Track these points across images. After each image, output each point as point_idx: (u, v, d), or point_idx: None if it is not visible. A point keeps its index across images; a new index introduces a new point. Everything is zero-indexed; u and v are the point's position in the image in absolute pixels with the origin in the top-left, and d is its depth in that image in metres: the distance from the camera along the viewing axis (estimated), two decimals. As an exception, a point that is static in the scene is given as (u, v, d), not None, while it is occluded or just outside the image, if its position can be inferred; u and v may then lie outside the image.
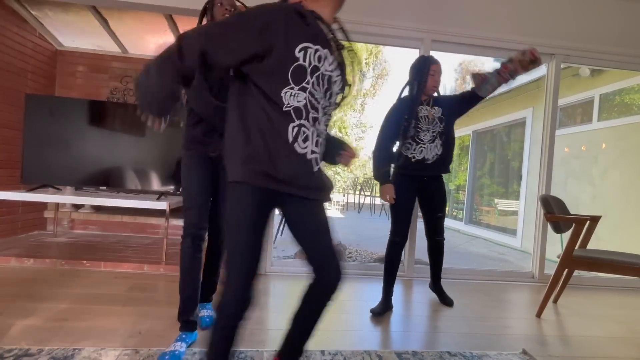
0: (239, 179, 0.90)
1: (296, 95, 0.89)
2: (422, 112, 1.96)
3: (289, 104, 0.89)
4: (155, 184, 2.91)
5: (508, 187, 5.99)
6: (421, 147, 1.96)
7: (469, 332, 1.75)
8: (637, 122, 3.92)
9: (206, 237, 1.51)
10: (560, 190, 4.54)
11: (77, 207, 3.30)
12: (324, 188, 1.00)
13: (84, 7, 2.74)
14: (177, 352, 1.32)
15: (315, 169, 0.96)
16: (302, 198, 0.96)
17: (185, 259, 1.45)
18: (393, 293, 2.01)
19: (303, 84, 0.89)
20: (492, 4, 2.64)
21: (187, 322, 1.43)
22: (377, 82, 13.41)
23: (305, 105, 0.91)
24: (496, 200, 6.28)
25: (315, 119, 0.93)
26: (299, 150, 0.91)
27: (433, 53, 2.62)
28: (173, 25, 2.97)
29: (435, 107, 1.99)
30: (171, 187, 2.89)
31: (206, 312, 1.66)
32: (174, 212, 2.57)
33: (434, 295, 2.22)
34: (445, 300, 2.13)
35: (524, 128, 5.43)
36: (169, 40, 3.15)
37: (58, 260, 2.33)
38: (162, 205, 2.53)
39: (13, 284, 1.96)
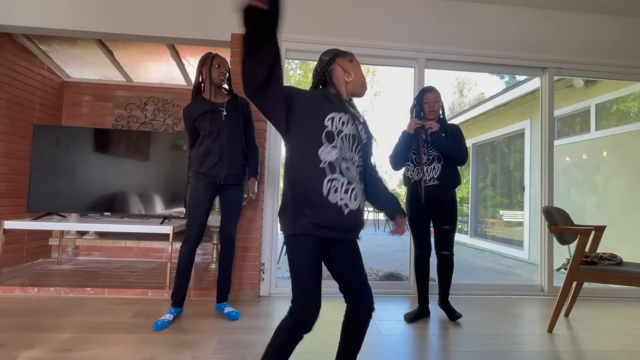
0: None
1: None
2: (422, 137, 2.11)
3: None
4: (159, 208, 2.93)
5: (512, 198, 5.95)
6: (417, 168, 2.11)
7: (481, 350, 1.70)
8: (635, 130, 3.94)
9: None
10: (564, 200, 4.51)
11: (81, 233, 3.31)
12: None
13: (90, 40, 2.87)
14: (166, 320, 1.84)
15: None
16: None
17: (182, 262, 1.92)
18: (429, 300, 2.17)
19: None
20: (483, 21, 2.73)
21: (176, 302, 1.94)
22: (375, 99, 13.68)
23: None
24: (501, 212, 6.23)
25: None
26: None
27: (427, 71, 2.70)
28: (175, 54, 3.08)
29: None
30: (175, 210, 2.91)
31: (227, 309, 2.03)
32: (178, 235, 2.58)
33: (442, 313, 2.18)
34: (453, 315, 2.11)
35: (523, 139, 5.46)
36: (172, 68, 3.28)
37: (62, 289, 2.32)
38: (166, 229, 2.54)
39: (17, 315, 1.95)
